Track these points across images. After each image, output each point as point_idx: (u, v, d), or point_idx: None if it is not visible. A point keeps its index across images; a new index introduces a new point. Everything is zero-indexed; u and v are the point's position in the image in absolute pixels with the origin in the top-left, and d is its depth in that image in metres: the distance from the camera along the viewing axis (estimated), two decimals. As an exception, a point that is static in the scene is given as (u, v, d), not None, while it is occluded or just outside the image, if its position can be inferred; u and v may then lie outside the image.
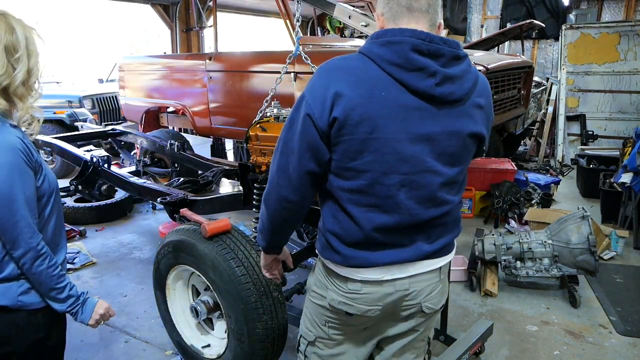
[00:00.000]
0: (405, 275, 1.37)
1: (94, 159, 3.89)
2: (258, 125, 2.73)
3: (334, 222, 1.35)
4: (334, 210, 1.35)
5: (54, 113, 6.91)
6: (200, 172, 4.06)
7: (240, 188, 2.96)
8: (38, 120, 1.49)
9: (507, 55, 6.80)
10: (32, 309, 1.46)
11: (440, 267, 1.43)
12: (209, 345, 2.50)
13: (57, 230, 1.56)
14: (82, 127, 5.97)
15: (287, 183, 1.31)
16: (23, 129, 1.45)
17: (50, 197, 1.50)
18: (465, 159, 1.36)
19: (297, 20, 3.01)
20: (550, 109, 7.32)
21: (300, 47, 3.08)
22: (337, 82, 1.21)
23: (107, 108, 7.56)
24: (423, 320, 1.50)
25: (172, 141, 4.38)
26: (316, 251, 1.47)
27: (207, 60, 4.65)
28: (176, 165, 4.89)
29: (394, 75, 1.21)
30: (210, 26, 9.87)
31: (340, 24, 11.47)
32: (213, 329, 2.56)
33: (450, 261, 1.50)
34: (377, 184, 1.27)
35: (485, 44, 6.53)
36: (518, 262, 3.35)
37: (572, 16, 9.41)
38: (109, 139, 5.28)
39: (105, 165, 3.90)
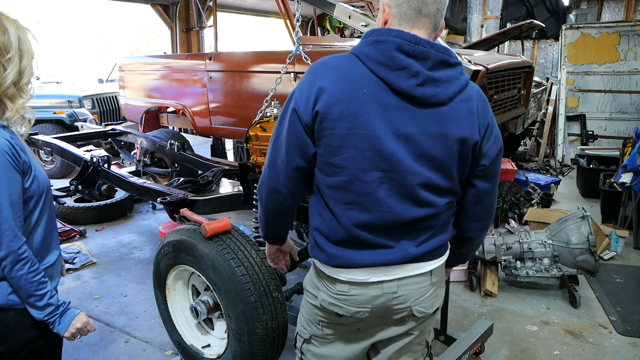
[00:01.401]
0: (392, 278, 1.36)
1: (94, 159, 3.88)
2: (258, 125, 2.72)
3: (320, 219, 1.38)
4: (319, 208, 1.38)
5: (54, 113, 6.91)
6: (200, 172, 4.06)
7: (240, 188, 2.95)
8: (29, 121, 1.48)
9: (507, 55, 6.80)
10: (21, 309, 1.45)
11: (431, 271, 1.41)
12: (209, 345, 2.50)
13: (49, 231, 1.55)
14: (82, 127, 5.96)
15: (276, 176, 1.38)
16: (14, 129, 1.44)
17: (40, 198, 1.49)
18: (451, 164, 1.32)
19: (297, 20, 3.00)
20: (550, 109, 7.32)
21: (300, 47, 3.08)
22: (321, 78, 1.26)
23: (107, 108, 7.56)
24: (416, 325, 1.48)
25: (172, 141, 4.38)
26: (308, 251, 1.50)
27: (207, 60, 4.65)
28: (176, 165, 4.89)
29: (377, 73, 1.24)
30: (210, 26, 9.88)
31: (340, 24, 11.47)
32: (213, 329, 2.56)
33: (444, 263, 1.48)
34: (357, 180, 1.29)
35: (485, 44, 6.53)
36: (518, 262, 3.36)
37: (572, 16, 9.41)
38: (109, 139, 5.27)
39: (105, 165, 3.89)
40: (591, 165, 5.86)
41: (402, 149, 1.26)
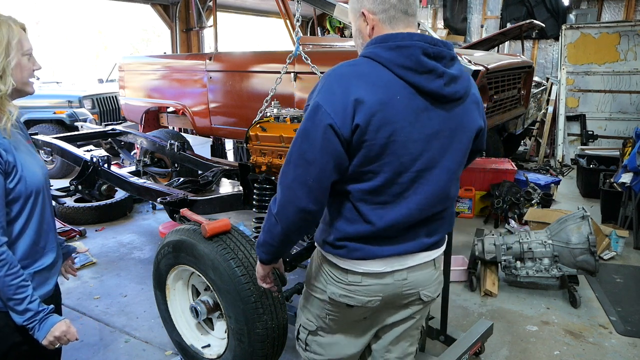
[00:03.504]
0: (404, 267, 1.42)
1: (94, 159, 3.88)
2: (258, 125, 2.72)
3: (341, 219, 1.37)
4: (342, 209, 1.37)
5: (54, 113, 6.91)
6: (200, 172, 4.06)
7: (240, 188, 2.95)
8: (9, 117, 1.42)
9: (507, 55, 6.80)
10: (6, 312, 1.43)
11: (434, 258, 1.49)
12: (209, 345, 2.50)
13: (42, 232, 1.51)
14: (82, 127, 5.96)
15: (305, 194, 1.29)
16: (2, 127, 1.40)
17: (27, 199, 1.45)
18: (467, 153, 1.44)
19: (297, 20, 3.00)
20: (550, 109, 7.32)
21: (300, 47, 3.08)
22: (355, 89, 1.23)
23: (107, 108, 7.56)
24: (420, 308, 1.54)
25: (172, 141, 4.38)
26: (316, 244, 1.48)
27: (207, 60, 4.65)
28: (176, 165, 4.89)
29: (405, 78, 1.25)
30: (210, 26, 9.86)
31: (340, 24, 11.47)
32: (213, 329, 2.56)
33: (443, 255, 1.57)
34: (392, 183, 1.31)
35: (485, 44, 6.52)
36: (518, 262, 3.35)
37: (572, 16, 9.41)
38: (109, 139, 5.27)
39: (105, 165, 3.89)
40: (591, 165, 5.86)
41: (433, 147, 1.32)
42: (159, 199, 2.94)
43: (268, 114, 2.81)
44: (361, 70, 1.27)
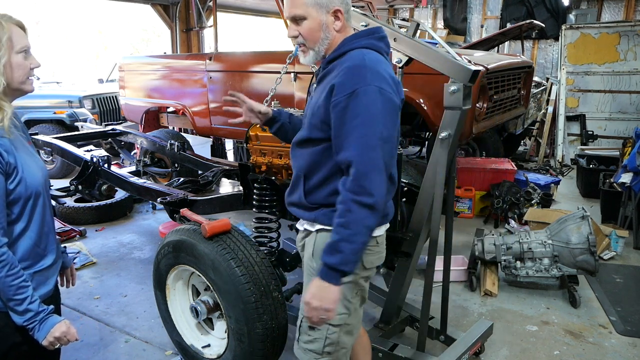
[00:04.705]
0: None
1: (94, 159, 3.88)
2: (258, 125, 2.72)
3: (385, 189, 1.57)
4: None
5: (54, 113, 6.91)
6: (200, 172, 4.06)
7: (240, 188, 2.95)
8: (4, 114, 1.40)
9: (507, 55, 6.80)
10: (6, 312, 1.43)
11: None
12: (209, 345, 2.50)
13: (43, 234, 1.51)
14: (82, 127, 5.97)
15: (386, 172, 1.46)
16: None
17: (28, 200, 1.45)
18: None
19: (297, 20, 3.00)
20: (550, 109, 7.32)
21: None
22: (390, 71, 1.52)
23: (107, 108, 7.56)
24: None
25: (172, 141, 4.38)
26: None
27: (207, 60, 4.66)
28: (176, 165, 4.89)
29: (387, 60, 1.58)
30: (210, 26, 9.88)
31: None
32: (213, 329, 2.56)
33: None
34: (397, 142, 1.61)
35: (485, 44, 6.53)
36: (518, 262, 3.35)
37: (572, 16, 9.41)
38: (109, 139, 5.27)
39: (105, 165, 3.89)
40: (591, 165, 5.86)
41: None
42: (159, 199, 2.94)
43: (268, 114, 2.80)
44: (377, 57, 1.53)
